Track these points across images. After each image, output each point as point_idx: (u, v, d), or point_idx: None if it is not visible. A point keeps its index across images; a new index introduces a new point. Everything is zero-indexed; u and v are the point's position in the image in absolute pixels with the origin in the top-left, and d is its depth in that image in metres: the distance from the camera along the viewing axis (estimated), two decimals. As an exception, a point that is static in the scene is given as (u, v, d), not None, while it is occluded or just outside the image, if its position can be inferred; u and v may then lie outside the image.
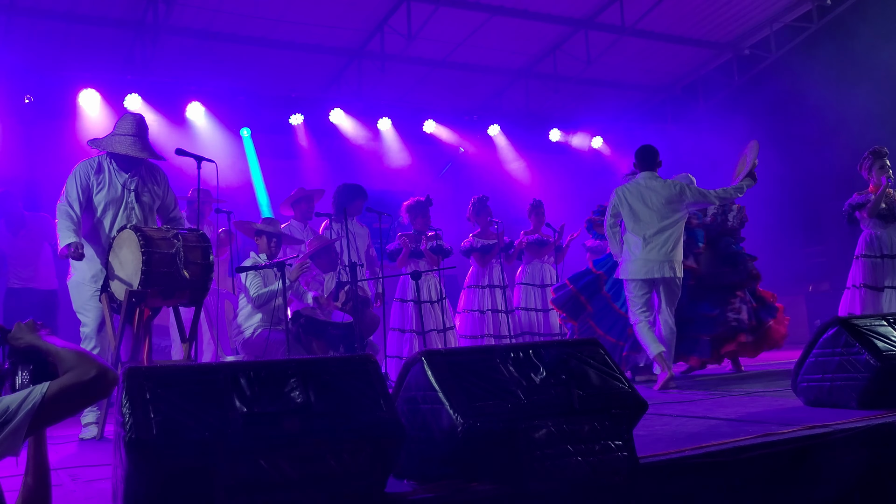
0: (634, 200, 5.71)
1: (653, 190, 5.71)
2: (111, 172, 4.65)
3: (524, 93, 11.28)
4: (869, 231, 6.74)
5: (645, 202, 5.69)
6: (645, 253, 5.59)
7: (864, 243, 6.74)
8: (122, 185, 4.64)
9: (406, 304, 7.49)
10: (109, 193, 4.62)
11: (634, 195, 5.73)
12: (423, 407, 2.53)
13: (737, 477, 2.79)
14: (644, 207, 5.67)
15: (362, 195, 7.19)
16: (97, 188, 4.61)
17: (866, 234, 6.76)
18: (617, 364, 2.81)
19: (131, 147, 4.59)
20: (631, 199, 5.73)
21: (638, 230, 5.65)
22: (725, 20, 10.61)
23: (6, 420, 1.80)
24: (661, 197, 5.67)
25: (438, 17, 9.23)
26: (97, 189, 4.61)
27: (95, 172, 4.63)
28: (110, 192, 4.62)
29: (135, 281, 4.09)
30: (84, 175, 4.60)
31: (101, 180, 4.62)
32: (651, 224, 5.63)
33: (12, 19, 8.32)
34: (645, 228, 5.64)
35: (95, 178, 4.62)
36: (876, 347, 3.73)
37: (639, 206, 5.69)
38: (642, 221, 5.66)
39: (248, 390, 2.24)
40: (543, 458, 2.43)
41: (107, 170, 4.66)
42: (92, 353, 2.01)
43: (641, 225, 5.65)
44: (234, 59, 9.41)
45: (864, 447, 3.08)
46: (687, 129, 12.07)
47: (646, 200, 5.69)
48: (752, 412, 3.88)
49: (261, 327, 5.76)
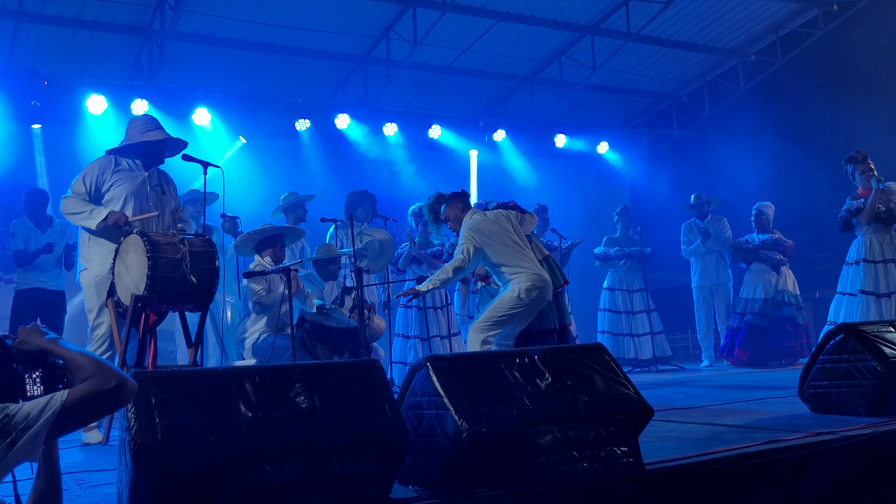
0: None
1: None
2: (132, 169, 4.63)
3: (530, 98, 11.30)
4: (867, 236, 6.66)
5: None
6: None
7: (865, 248, 6.63)
8: (143, 182, 4.63)
9: (410, 311, 7.50)
10: (130, 185, 4.56)
11: None
12: (428, 412, 2.52)
13: (743, 484, 2.77)
14: None
15: (367, 200, 7.21)
16: (114, 182, 4.55)
17: (864, 239, 6.66)
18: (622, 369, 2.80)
19: (161, 134, 4.60)
20: None
21: None
22: (731, 26, 10.61)
23: (27, 426, 1.82)
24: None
25: (444, 23, 9.25)
26: (115, 183, 4.55)
27: (113, 169, 4.58)
28: (132, 184, 4.57)
29: (141, 286, 4.09)
30: (97, 171, 4.56)
31: (118, 175, 4.57)
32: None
33: (20, 25, 8.36)
34: None
35: (111, 174, 4.57)
36: (883, 354, 3.71)
37: None
38: None
39: (254, 395, 2.24)
40: (549, 465, 2.43)
41: (126, 166, 4.63)
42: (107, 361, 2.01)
43: None
44: (241, 64, 9.45)
45: (870, 454, 3.07)
46: (692, 135, 12.07)
47: None
48: (759, 419, 3.86)
49: (266, 332, 5.76)
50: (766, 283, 8.54)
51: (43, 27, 8.44)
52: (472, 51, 10.11)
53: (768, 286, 8.51)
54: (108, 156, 4.66)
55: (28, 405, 1.85)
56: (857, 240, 6.75)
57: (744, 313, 8.58)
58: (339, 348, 5.68)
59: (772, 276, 8.55)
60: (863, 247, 6.65)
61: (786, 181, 9.93)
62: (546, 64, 10.79)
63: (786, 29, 10.75)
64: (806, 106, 10.28)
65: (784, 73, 10.98)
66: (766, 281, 8.54)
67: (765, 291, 8.51)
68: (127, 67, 9.25)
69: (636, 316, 9.30)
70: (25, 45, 8.64)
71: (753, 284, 8.63)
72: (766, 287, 8.52)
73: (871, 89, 9.28)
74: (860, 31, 9.67)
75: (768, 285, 8.52)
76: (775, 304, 8.45)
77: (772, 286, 8.51)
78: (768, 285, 8.52)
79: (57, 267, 6.84)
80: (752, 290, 8.62)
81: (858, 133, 8.95)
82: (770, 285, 8.52)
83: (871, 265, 6.57)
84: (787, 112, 10.62)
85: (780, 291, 8.49)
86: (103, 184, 4.55)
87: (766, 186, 9.76)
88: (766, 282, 8.54)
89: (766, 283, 8.54)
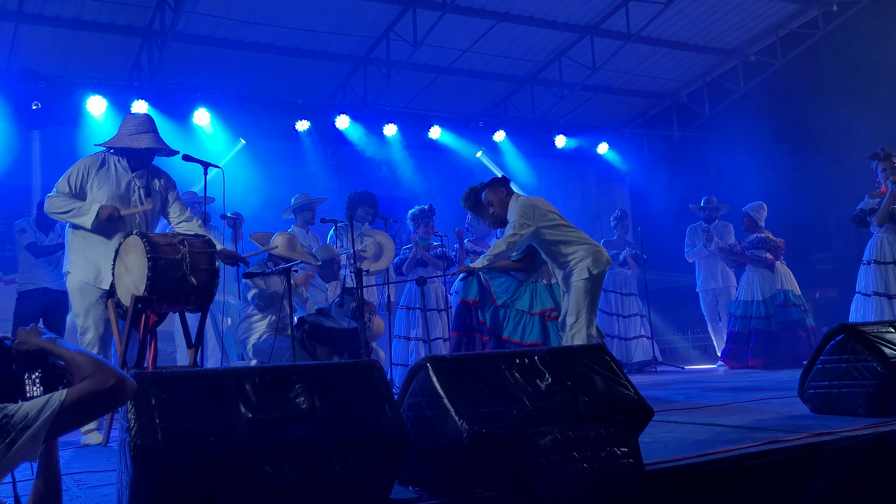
0: None
1: None
2: (117, 169, 4.57)
3: (530, 99, 11.30)
4: (880, 236, 6.64)
5: None
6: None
7: (876, 248, 6.63)
8: (128, 184, 4.58)
9: (412, 312, 7.52)
10: (112, 189, 4.51)
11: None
12: (428, 413, 2.52)
13: (743, 484, 2.77)
14: None
15: (368, 201, 7.21)
16: (96, 183, 4.50)
17: (876, 239, 6.65)
18: (623, 370, 2.80)
19: (152, 140, 4.54)
20: None
21: None
22: (731, 27, 10.61)
23: (26, 426, 1.82)
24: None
25: (444, 24, 9.25)
26: (97, 184, 4.50)
27: (97, 168, 4.53)
28: (113, 189, 4.51)
29: (141, 287, 4.09)
30: (82, 169, 4.51)
31: (102, 176, 4.52)
32: None
33: (20, 26, 8.36)
34: None
35: (96, 174, 4.51)
36: (883, 354, 3.70)
37: None
38: None
39: (254, 396, 2.23)
40: (549, 465, 2.43)
41: (112, 167, 4.57)
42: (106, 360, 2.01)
43: None
44: (241, 65, 9.45)
45: (870, 455, 3.07)
46: (692, 136, 12.07)
47: None
48: (759, 419, 3.86)
49: (266, 333, 5.76)
50: (762, 283, 8.45)
51: (43, 28, 8.44)
52: (471, 51, 10.11)
53: (766, 286, 8.44)
54: (96, 155, 4.63)
55: (27, 405, 1.85)
56: (872, 239, 6.73)
57: (746, 317, 8.45)
58: (339, 349, 5.68)
59: (766, 275, 8.46)
60: (875, 247, 6.65)
61: (786, 181, 9.92)
62: (546, 64, 10.79)
63: (786, 29, 10.75)
64: (806, 106, 10.28)
65: (784, 73, 10.98)
66: (762, 281, 8.46)
67: (763, 292, 8.43)
68: (127, 68, 9.25)
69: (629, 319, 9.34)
70: (25, 46, 8.64)
71: (750, 286, 8.52)
72: (763, 287, 8.43)
73: (871, 90, 9.28)
74: (860, 32, 9.67)
75: (765, 285, 8.44)
76: (778, 305, 8.32)
77: (769, 285, 8.44)
78: (765, 285, 8.44)
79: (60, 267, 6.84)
80: (750, 293, 8.50)
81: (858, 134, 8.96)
82: (767, 284, 8.44)
83: (881, 266, 6.56)
84: (787, 112, 10.62)
85: (781, 291, 8.39)
86: (87, 183, 4.51)
87: (766, 187, 9.75)
88: (763, 282, 8.46)
89: (763, 283, 8.46)
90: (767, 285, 8.42)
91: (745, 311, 8.49)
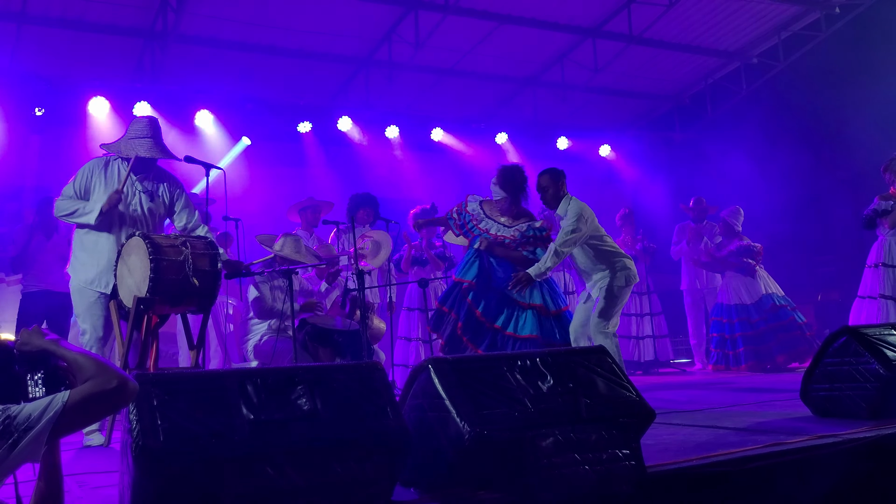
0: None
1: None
2: (120, 172, 4.60)
3: (532, 101, 11.30)
4: (887, 239, 6.58)
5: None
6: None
7: (884, 252, 6.57)
8: (131, 185, 4.60)
9: (413, 313, 7.51)
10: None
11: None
12: (429, 415, 2.52)
13: (745, 487, 2.77)
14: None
15: (369, 203, 7.21)
16: (100, 186, 4.54)
17: (884, 242, 6.60)
18: (625, 372, 2.80)
19: (146, 149, 4.56)
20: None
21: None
22: (733, 29, 10.61)
23: (28, 427, 1.82)
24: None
25: (446, 26, 9.26)
26: (100, 187, 4.54)
27: (102, 171, 4.57)
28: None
29: (143, 288, 4.10)
30: (87, 172, 4.56)
31: (105, 179, 4.56)
32: None
33: (22, 28, 8.38)
34: None
35: (100, 177, 4.56)
36: (885, 357, 3.71)
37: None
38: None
39: (255, 397, 2.24)
40: (550, 467, 2.42)
41: (116, 169, 4.60)
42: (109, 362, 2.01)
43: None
44: (243, 67, 9.46)
45: (872, 457, 3.06)
46: (695, 138, 12.06)
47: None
48: (761, 422, 3.86)
49: (268, 334, 5.77)
50: (748, 288, 8.36)
51: (46, 29, 8.45)
52: (473, 53, 10.11)
53: (752, 291, 8.35)
54: (101, 158, 4.67)
55: (29, 406, 1.86)
56: (879, 241, 6.68)
57: (731, 322, 8.35)
58: (340, 350, 5.68)
59: (748, 281, 8.38)
60: (883, 250, 6.60)
61: (788, 183, 9.92)
62: (548, 66, 10.79)
63: (788, 31, 10.74)
64: (808, 108, 10.28)
65: (786, 75, 10.97)
66: (747, 287, 8.34)
67: (749, 297, 8.37)
68: (129, 70, 9.26)
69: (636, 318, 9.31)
70: (28, 47, 8.65)
71: (735, 291, 8.41)
72: (750, 292, 8.36)
73: (873, 92, 9.27)
74: (862, 34, 9.67)
75: (751, 290, 8.35)
76: (768, 310, 8.23)
77: (754, 291, 8.34)
78: (751, 290, 8.35)
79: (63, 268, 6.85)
80: (735, 298, 8.39)
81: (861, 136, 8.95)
82: (752, 290, 8.35)
83: (889, 269, 6.52)
84: (789, 114, 10.62)
85: (767, 295, 8.31)
86: (91, 187, 4.56)
87: (769, 189, 9.74)
88: (748, 287, 8.36)
89: (748, 288, 8.37)
90: (753, 291, 8.34)
91: (730, 316, 8.41)
